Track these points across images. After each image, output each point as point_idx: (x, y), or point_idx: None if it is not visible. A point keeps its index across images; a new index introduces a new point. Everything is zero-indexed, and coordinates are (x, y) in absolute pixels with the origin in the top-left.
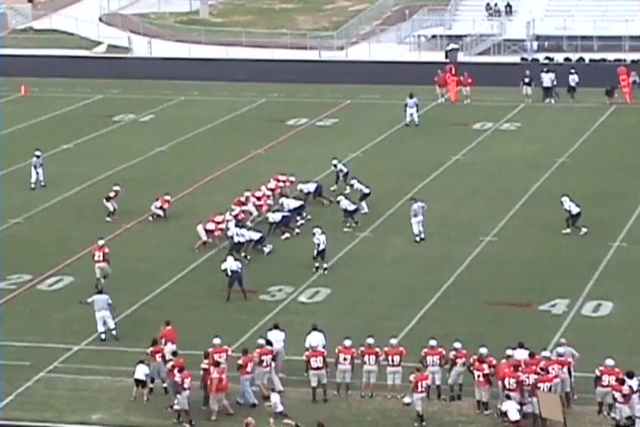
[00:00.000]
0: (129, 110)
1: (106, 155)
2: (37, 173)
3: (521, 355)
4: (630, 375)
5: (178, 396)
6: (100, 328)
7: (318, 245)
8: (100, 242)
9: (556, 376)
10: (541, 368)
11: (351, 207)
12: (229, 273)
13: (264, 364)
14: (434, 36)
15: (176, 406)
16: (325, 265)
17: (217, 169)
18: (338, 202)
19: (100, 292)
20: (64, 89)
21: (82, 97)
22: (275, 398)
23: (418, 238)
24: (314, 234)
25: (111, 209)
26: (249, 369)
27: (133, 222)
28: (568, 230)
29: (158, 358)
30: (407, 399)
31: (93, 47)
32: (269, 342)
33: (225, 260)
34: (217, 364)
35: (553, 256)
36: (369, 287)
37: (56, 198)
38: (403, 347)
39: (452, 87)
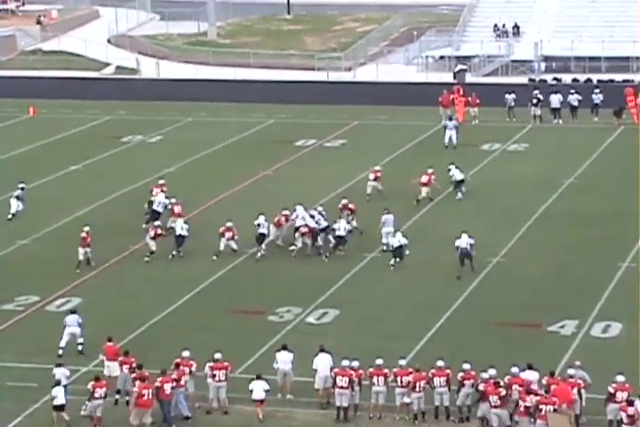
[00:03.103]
0: (137, 131)
1: (114, 176)
2: (17, 205)
3: (530, 376)
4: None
5: (87, 403)
6: (62, 344)
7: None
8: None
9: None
10: (547, 390)
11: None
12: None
13: (216, 378)
14: (442, 57)
15: (83, 412)
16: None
17: (225, 190)
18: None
19: (74, 312)
20: (72, 110)
21: (90, 118)
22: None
23: (384, 247)
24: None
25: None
26: (182, 382)
27: (141, 244)
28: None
29: (125, 369)
30: (407, 399)
31: (102, 69)
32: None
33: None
34: (143, 379)
35: (561, 277)
36: (377, 308)
37: (64, 220)
38: (412, 368)
39: (460, 108)
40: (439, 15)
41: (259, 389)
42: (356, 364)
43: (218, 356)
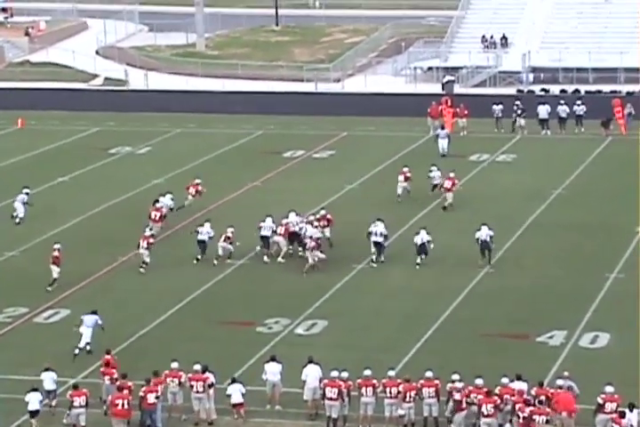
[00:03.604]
0: (125, 143)
1: (102, 187)
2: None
3: (519, 387)
4: (631, 407)
5: (68, 412)
6: (81, 344)
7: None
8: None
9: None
10: (540, 401)
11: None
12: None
13: (194, 389)
14: (430, 68)
15: (65, 421)
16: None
17: (214, 201)
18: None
19: (94, 312)
20: (61, 122)
21: (78, 130)
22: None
23: (374, 257)
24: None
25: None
26: (159, 393)
27: (130, 255)
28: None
29: (107, 380)
30: (401, 411)
31: (90, 80)
32: (205, 370)
33: None
34: (121, 389)
35: (550, 287)
36: (366, 319)
37: (52, 231)
38: (402, 379)
39: (449, 119)
40: (427, 26)
41: (236, 392)
42: (345, 375)
43: (197, 367)
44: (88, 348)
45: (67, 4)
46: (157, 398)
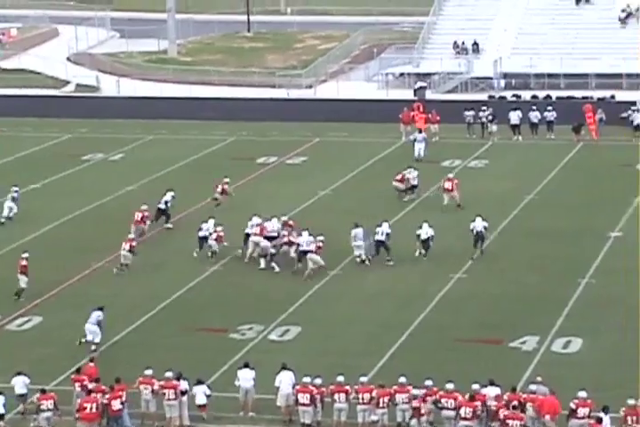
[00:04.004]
0: (98, 149)
1: (75, 194)
2: (10, 208)
3: (492, 392)
4: (606, 410)
5: (35, 416)
6: (88, 338)
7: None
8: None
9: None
10: (514, 406)
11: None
12: None
13: (166, 397)
14: (402, 74)
15: (31, 424)
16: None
17: (187, 207)
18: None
19: (101, 309)
20: (32, 128)
21: (50, 136)
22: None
23: (358, 260)
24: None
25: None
26: (123, 399)
27: (103, 262)
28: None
29: (77, 386)
30: (374, 417)
31: (62, 87)
32: (179, 377)
33: None
34: (89, 392)
35: (522, 293)
36: (339, 325)
37: (24, 238)
38: (375, 385)
39: (421, 125)
40: (399, 33)
41: (200, 394)
42: (318, 381)
43: (168, 374)
44: (96, 340)
45: (38, 11)
46: (122, 404)
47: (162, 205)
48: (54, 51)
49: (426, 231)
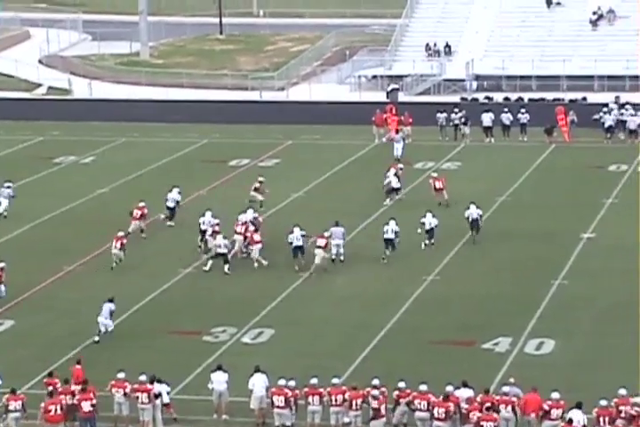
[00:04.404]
0: (70, 152)
1: (47, 197)
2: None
3: (465, 394)
4: (579, 406)
5: (4, 416)
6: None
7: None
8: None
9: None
10: (487, 408)
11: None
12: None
13: (139, 400)
14: (374, 77)
15: (0, 424)
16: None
17: (159, 210)
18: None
19: (111, 300)
20: (4, 131)
21: (22, 139)
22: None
23: (334, 257)
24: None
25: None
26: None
27: (75, 264)
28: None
29: (50, 390)
30: (346, 419)
31: (33, 89)
32: (153, 381)
33: None
34: (51, 394)
35: (495, 294)
36: (313, 327)
37: None
38: (348, 387)
39: (393, 127)
40: (371, 35)
41: (163, 393)
42: (292, 383)
43: (142, 378)
44: (110, 329)
45: (9, 13)
46: (93, 406)
47: (171, 204)
48: (26, 53)
49: (429, 222)
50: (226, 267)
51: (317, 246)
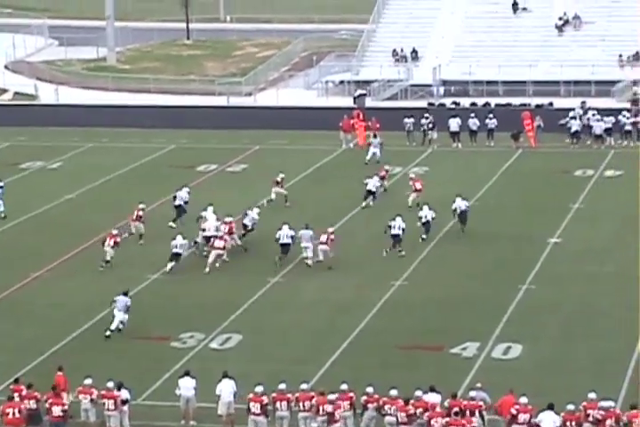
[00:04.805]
0: (37, 158)
1: (14, 203)
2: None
3: (432, 398)
4: (551, 407)
5: None
6: (112, 326)
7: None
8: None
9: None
10: (455, 412)
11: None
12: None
13: (106, 406)
14: (341, 82)
15: None
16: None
17: (127, 216)
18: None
19: (125, 293)
20: None
21: None
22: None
23: (309, 262)
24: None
25: None
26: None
27: (42, 271)
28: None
29: (16, 396)
30: (314, 424)
31: (0, 95)
32: (120, 387)
33: None
34: (10, 398)
35: (463, 299)
36: (281, 333)
37: None
38: (316, 392)
39: (361, 132)
40: (339, 40)
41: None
42: (260, 389)
43: (109, 384)
44: (120, 326)
45: None
46: (65, 411)
47: (179, 202)
48: None
49: (425, 214)
50: (170, 265)
51: (320, 242)
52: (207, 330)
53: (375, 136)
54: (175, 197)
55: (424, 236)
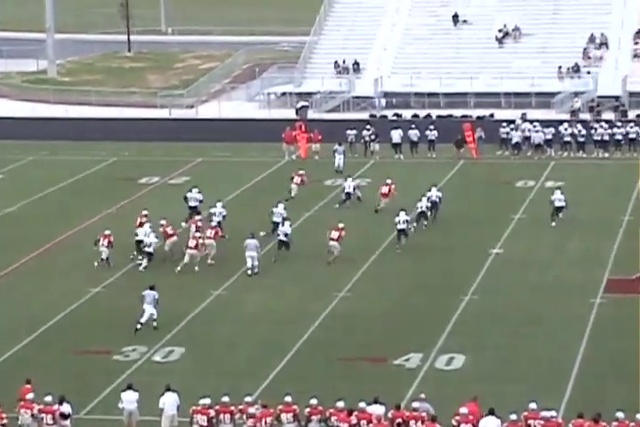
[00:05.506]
0: None
1: None
2: None
3: (376, 410)
4: (492, 412)
5: None
6: (142, 320)
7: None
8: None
9: None
10: (398, 423)
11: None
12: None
13: (44, 421)
14: (283, 94)
15: None
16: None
17: (68, 229)
18: None
19: (152, 288)
20: None
21: None
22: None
23: (249, 272)
24: None
25: None
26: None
27: None
28: None
29: None
30: None
31: None
32: (62, 401)
33: None
34: None
35: (406, 311)
36: (224, 345)
37: None
38: (258, 405)
39: (303, 144)
40: (280, 52)
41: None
42: (206, 401)
43: (47, 399)
44: (154, 324)
45: None
46: (3, 425)
47: (193, 203)
48: None
49: (402, 219)
50: (145, 262)
51: (330, 239)
52: (150, 343)
53: (340, 144)
54: (186, 198)
55: (398, 244)
